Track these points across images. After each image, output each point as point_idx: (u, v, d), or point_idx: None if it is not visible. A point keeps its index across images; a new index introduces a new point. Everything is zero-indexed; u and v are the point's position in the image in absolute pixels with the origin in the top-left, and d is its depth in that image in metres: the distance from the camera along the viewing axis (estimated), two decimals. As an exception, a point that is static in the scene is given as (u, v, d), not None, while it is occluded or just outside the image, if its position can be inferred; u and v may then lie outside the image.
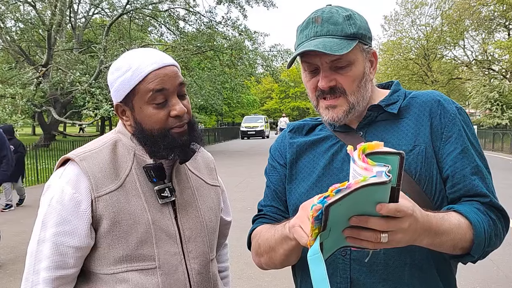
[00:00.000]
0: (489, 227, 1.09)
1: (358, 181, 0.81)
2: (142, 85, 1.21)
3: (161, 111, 1.23)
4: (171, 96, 1.23)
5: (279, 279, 4.55)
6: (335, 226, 0.88)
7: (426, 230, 0.97)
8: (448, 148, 1.15)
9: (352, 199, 0.82)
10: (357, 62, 1.17)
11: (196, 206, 1.36)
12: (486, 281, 4.48)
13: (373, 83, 1.28)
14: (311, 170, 1.26)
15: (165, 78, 1.22)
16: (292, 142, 1.33)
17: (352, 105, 1.18)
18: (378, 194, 0.84)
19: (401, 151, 0.87)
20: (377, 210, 0.86)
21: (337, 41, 1.12)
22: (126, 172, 1.26)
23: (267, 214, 1.33)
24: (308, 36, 1.16)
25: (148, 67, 1.22)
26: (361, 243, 0.91)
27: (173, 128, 1.24)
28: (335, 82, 1.16)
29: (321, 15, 1.16)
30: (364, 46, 1.18)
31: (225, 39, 20.79)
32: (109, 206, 1.21)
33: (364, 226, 0.89)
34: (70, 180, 1.22)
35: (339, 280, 1.16)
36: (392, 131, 1.20)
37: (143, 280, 1.23)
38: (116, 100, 1.28)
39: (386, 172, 0.81)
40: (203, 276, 1.33)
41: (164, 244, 1.26)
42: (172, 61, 1.27)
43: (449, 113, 1.18)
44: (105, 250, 1.22)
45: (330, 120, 1.20)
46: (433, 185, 1.14)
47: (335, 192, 0.82)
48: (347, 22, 1.15)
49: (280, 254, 1.15)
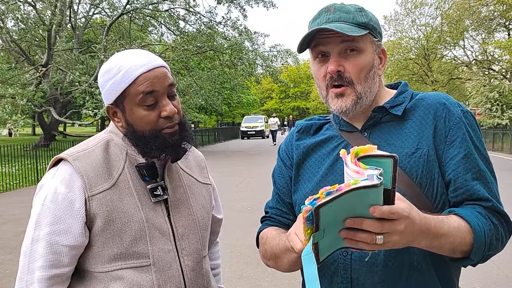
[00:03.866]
0: (490, 231, 1.08)
1: (349, 184, 0.82)
2: (133, 88, 1.23)
3: (152, 113, 1.24)
4: (161, 97, 1.25)
5: (279, 279, 4.55)
6: (329, 227, 0.89)
7: (424, 232, 0.97)
8: (452, 152, 1.15)
9: (344, 202, 0.84)
10: (366, 51, 1.19)
11: (188, 204, 1.39)
12: (486, 281, 4.48)
13: (382, 82, 1.29)
14: (316, 170, 1.28)
15: (155, 80, 1.24)
16: (298, 144, 1.35)
17: (359, 95, 1.19)
18: (371, 196, 0.85)
19: (394, 154, 0.88)
20: (370, 212, 0.86)
21: (349, 26, 1.15)
22: (119, 171, 1.27)
23: (272, 217, 1.36)
24: (321, 22, 1.18)
25: (138, 69, 1.23)
26: (357, 244, 0.91)
27: (164, 129, 1.26)
28: (343, 68, 1.17)
29: (333, 5, 1.20)
30: (374, 38, 1.21)
31: (225, 39, 20.79)
32: (102, 205, 1.22)
33: (360, 228, 0.89)
34: (63, 180, 1.23)
35: (339, 280, 1.16)
36: (396, 133, 1.20)
37: (138, 277, 1.24)
38: (107, 102, 1.30)
39: (378, 175, 0.82)
40: (197, 273, 1.35)
41: (157, 241, 1.27)
42: (162, 63, 1.29)
43: (454, 116, 1.17)
44: (100, 249, 1.23)
45: (338, 110, 1.21)
46: (434, 189, 1.14)
47: (325, 194, 0.83)
48: (359, 12, 1.19)
49: (285, 263, 1.17)
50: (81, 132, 43.46)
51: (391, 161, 0.87)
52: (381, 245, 0.91)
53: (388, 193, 0.87)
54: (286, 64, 26.12)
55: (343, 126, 1.28)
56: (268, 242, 1.26)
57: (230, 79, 23.13)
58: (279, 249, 1.17)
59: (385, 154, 0.89)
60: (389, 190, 0.87)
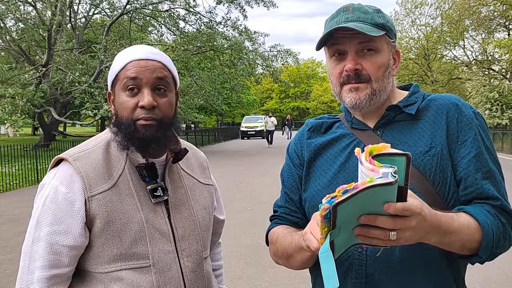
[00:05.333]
0: (498, 229, 1.11)
1: (364, 182, 0.85)
2: (122, 72, 1.28)
3: (131, 100, 1.26)
4: (144, 86, 1.26)
5: (279, 279, 4.55)
6: (345, 224, 0.91)
7: (435, 228, 1.00)
8: (463, 151, 1.17)
9: (360, 199, 0.86)
10: (383, 51, 1.21)
11: (189, 205, 1.38)
12: (486, 281, 4.48)
13: (394, 83, 1.31)
14: (328, 168, 1.29)
15: (142, 69, 1.26)
16: (309, 142, 1.36)
17: (375, 91, 1.21)
18: (385, 194, 0.88)
19: (408, 152, 0.90)
20: (385, 209, 0.90)
21: (367, 26, 1.17)
22: (119, 172, 1.27)
23: (281, 216, 1.38)
24: (339, 21, 1.20)
25: (130, 56, 1.29)
26: (371, 240, 0.94)
27: (139, 119, 1.25)
28: (361, 67, 1.19)
29: (351, 5, 1.23)
30: (390, 39, 1.23)
31: (225, 39, 20.79)
32: (102, 206, 1.22)
33: (373, 225, 0.92)
34: (63, 180, 1.23)
35: (354, 275, 1.18)
36: (409, 132, 1.22)
37: (138, 278, 1.24)
38: (109, 88, 1.36)
39: (392, 173, 0.84)
40: (197, 274, 1.35)
41: (157, 242, 1.27)
42: (160, 58, 1.30)
43: (466, 117, 1.20)
44: (99, 249, 1.24)
45: (352, 103, 1.21)
46: (446, 187, 1.16)
47: (342, 192, 0.86)
48: (376, 14, 1.22)
49: (297, 261, 1.22)
50: (81, 132, 43.45)
51: (405, 159, 0.89)
52: (394, 241, 0.94)
53: (401, 190, 0.90)
54: (286, 64, 26.13)
55: (355, 124, 1.29)
56: (280, 240, 1.27)
57: (230, 79, 23.13)
58: (292, 248, 1.20)
59: (398, 152, 0.91)
60: (402, 188, 0.90)
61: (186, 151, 1.36)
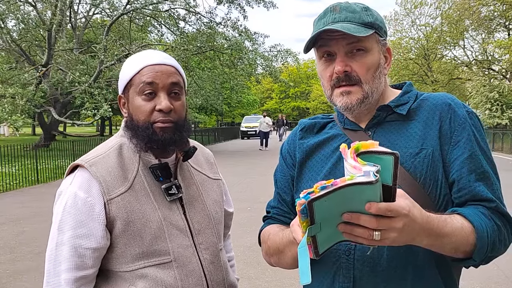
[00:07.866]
0: (493, 232, 1.08)
1: (344, 179, 0.83)
2: (137, 77, 1.31)
3: (148, 104, 1.29)
4: (160, 91, 1.30)
5: (279, 279, 4.55)
6: (327, 221, 0.89)
7: (426, 231, 0.97)
8: (456, 152, 1.14)
9: (340, 196, 0.84)
10: (373, 51, 1.19)
11: (201, 200, 1.43)
12: (486, 281, 4.48)
13: (387, 82, 1.29)
14: (319, 169, 1.27)
15: (158, 74, 1.30)
16: (302, 143, 1.34)
17: (366, 94, 1.19)
18: (367, 193, 0.85)
19: (396, 151, 0.88)
20: (366, 208, 0.86)
21: (355, 26, 1.15)
22: (133, 174, 1.32)
23: (274, 216, 1.38)
24: (326, 22, 1.18)
25: (145, 61, 1.32)
26: (356, 239, 0.92)
27: (157, 122, 1.29)
28: (350, 68, 1.17)
29: (339, 5, 1.20)
30: (380, 38, 1.21)
31: (225, 39, 20.78)
32: (121, 208, 1.26)
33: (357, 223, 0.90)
34: (81, 185, 1.27)
35: (341, 279, 1.16)
36: (400, 133, 1.20)
37: (161, 274, 1.29)
38: (120, 92, 1.38)
39: (375, 172, 0.81)
40: (215, 265, 1.40)
41: (176, 238, 1.32)
42: (173, 63, 1.36)
43: (459, 117, 1.17)
44: (122, 249, 1.28)
45: (343, 107, 1.20)
46: (437, 189, 1.14)
47: (320, 188, 0.84)
48: (364, 12, 1.19)
49: (288, 257, 1.20)
50: (81, 132, 43.46)
51: (392, 158, 0.87)
52: (379, 241, 0.90)
53: (389, 190, 0.87)
54: (286, 64, 26.10)
55: (347, 124, 1.27)
56: (271, 238, 1.27)
57: (230, 79, 23.11)
58: (283, 243, 1.19)
59: (386, 151, 0.88)
60: (390, 187, 0.87)
61: (195, 149, 1.41)
